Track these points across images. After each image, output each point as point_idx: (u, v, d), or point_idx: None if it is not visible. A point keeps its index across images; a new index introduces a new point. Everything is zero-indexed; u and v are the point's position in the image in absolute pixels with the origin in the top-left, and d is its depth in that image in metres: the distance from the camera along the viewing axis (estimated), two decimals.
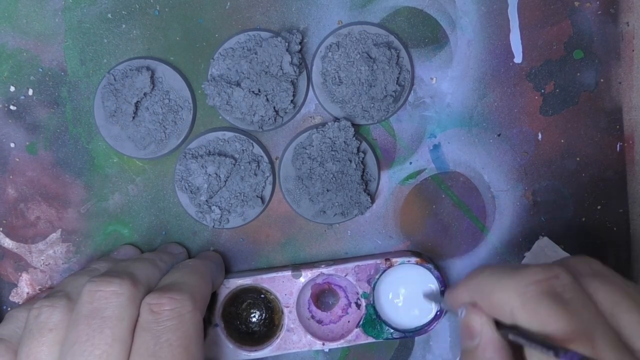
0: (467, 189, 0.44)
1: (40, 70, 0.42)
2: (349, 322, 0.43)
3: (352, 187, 0.42)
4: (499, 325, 0.31)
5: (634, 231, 0.45)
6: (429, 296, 0.42)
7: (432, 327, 0.43)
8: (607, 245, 0.45)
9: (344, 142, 0.41)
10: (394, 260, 0.42)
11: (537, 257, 0.43)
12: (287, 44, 0.40)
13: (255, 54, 0.41)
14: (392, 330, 0.43)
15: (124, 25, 0.42)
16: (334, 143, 0.41)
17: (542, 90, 0.44)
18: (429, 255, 0.44)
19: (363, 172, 0.42)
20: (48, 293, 0.37)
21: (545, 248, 0.43)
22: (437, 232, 0.44)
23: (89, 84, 0.43)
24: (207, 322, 0.42)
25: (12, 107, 0.42)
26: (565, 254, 0.42)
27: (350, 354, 0.45)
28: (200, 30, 0.42)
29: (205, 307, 0.38)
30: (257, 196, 0.42)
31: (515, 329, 0.30)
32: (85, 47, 0.42)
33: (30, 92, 0.42)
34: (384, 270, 0.42)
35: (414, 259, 0.42)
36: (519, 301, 0.30)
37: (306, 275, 0.42)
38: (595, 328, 0.28)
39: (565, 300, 0.29)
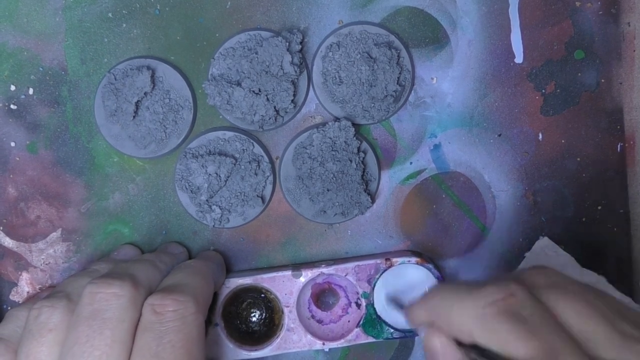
0: (468, 189, 0.44)
1: (41, 69, 0.42)
2: (349, 321, 0.43)
3: (352, 187, 0.42)
4: (459, 344, 0.31)
5: (634, 231, 0.45)
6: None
7: None
8: (608, 245, 0.45)
9: (345, 141, 0.41)
10: (394, 260, 0.42)
11: (537, 257, 0.43)
12: (287, 43, 0.40)
13: (256, 53, 0.41)
14: (392, 330, 0.43)
15: (124, 25, 0.42)
16: (335, 143, 0.41)
17: (543, 91, 0.44)
18: (429, 255, 0.44)
19: (363, 172, 0.42)
20: (48, 293, 0.37)
21: (546, 248, 0.43)
22: (438, 232, 0.44)
23: (89, 83, 0.42)
24: (207, 321, 0.42)
25: (12, 106, 0.42)
26: (565, 254, 0.42)
27: (350, 353, 0.45)
28: (201, 29, 0.42)
29: (207, 309, 0.38)
30: (257, 196, 0.42)
31: (476, 348, 0.29)
32: (86, 46, 0.42)
33: (31, 91, 0.42)
34: (384, 270, 0.42)
35: (414, 259, 0.42)
36: (478, 324, 0.29)
37: (306, 275, 0.42)
38: (558, 345, 0.27)
39: (524, 318, 0.28)
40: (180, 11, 0.42)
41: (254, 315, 0.44)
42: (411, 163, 0.44)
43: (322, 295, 0.44)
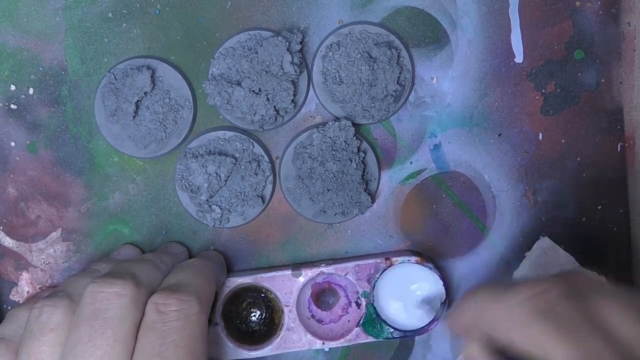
0: (468, 189, 0.44)
1: (41, 69, 0.42)
2: (349, 321, 0.43)
3: (352, 187, 0.42)
4: (503, 350, 0.29)
5: (634, 231, 0.45)
6: (429, 303, 0.42)
7: (432, 327, 0.43)
8: (607, 245, 0.45)
9: (345, 141, 0.41)
10: (394, 259, 0.42)
11: (537, 257, 0.43)
12: (287, 43, 0.40)
13: (256, 53, 0.41)
14: (392, 330, 0.43)
15: (124, 24, 0.42)
16: (335, 142, 0.41)
17: (543, 90, 0.44)
18: (429, 255, 0.44)
19: (363, 171, 0.42)
20: (49, 293, 0.37)
21: (546, 248, 0.43)
22: (438, 231, 0.44)
23: (89, 83, 0.42)
24: (208, 321, 0.42)
25: (12, 106, 0.42)
26: (565, 254, 0.42)
27: (350, 353, 0.45)
28: (201, 29, 0.42)
29: (210, 309, 0.38)
30: (257, 195, 0.42)
31: (505, 353, 0.28)
32: (86, 46, 0.42)
33: (31, 91, 0.42)
34: (384, 270, 0.42)
35: (414, 259, 0.42)
36: (510, 322, 0.28)
37: (306, 275, 0.42)
38: (598, 348, 0.26)
39: (560, 316, 0.27)
40: (180, 11, 0.42)
41: (254, 315, 0.44)
42: (411, 163, 0.44)
43: (322, 295, 0.44)
